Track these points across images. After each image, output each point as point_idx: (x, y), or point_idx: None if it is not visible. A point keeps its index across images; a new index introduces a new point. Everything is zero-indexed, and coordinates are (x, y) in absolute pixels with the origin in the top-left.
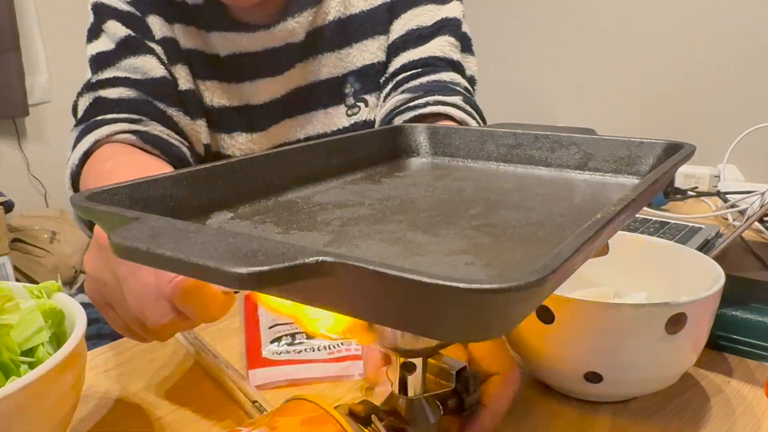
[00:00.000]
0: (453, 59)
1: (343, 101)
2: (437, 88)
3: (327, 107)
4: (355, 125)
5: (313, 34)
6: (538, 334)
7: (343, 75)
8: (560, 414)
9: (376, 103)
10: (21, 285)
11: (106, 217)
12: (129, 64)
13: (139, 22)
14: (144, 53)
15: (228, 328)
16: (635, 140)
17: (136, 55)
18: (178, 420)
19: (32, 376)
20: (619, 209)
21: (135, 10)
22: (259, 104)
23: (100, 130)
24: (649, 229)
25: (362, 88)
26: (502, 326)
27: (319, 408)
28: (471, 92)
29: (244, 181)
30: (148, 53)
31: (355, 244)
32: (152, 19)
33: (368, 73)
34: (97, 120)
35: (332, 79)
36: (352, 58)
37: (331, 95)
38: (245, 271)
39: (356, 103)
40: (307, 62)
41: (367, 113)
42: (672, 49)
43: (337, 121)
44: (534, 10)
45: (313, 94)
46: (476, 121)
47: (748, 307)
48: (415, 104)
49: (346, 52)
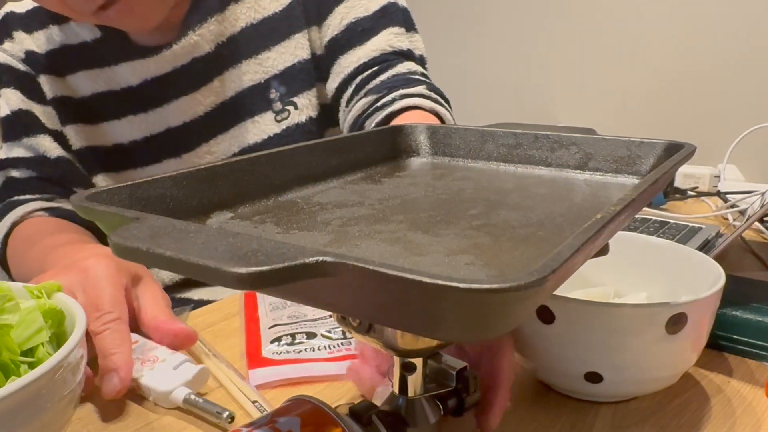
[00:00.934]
0: (403, 49)
1: (270, 107)
2: (399, 82)
3: (254, 116)
4: (287, 130)
5: (225, 45)
6: (538, 334)
7: (266, 80)
8: (560, 414)
9: (307, 103)
10: (21, 285)
11: (106, 217)
12: (28, 143)
13: (33, 83)
14: (36, 133)
15: (228, 328)
16: (635, 140)
17: (29, 135)
18: (177, 420)
19: (32, 376)
20: (619, 209)
21: (30, 69)
22: (180, 125)
23: (16, 211)
24: (649, 229)
25: (288, 91)
26: (502, 326)
27: (319, 408)
28: (427, 75)
29: (244, 181)
30: (41, 132)
31: (355, 244)
32: (43, 78)
33: (291, 74)
34: (12, 201)
35: (255, 86)
36: (273, 61)
37: (257, 103)
38: (245, 271)
39: (284, 107)
40: (226, 73)
41: (298, 116)
42: (672, 49)
43: (267, 128)
44: (534, 9)
45: (239, 105)
46: (443, 106)
47: (748, 307)
48: (383, 103)
49: (264, 57)
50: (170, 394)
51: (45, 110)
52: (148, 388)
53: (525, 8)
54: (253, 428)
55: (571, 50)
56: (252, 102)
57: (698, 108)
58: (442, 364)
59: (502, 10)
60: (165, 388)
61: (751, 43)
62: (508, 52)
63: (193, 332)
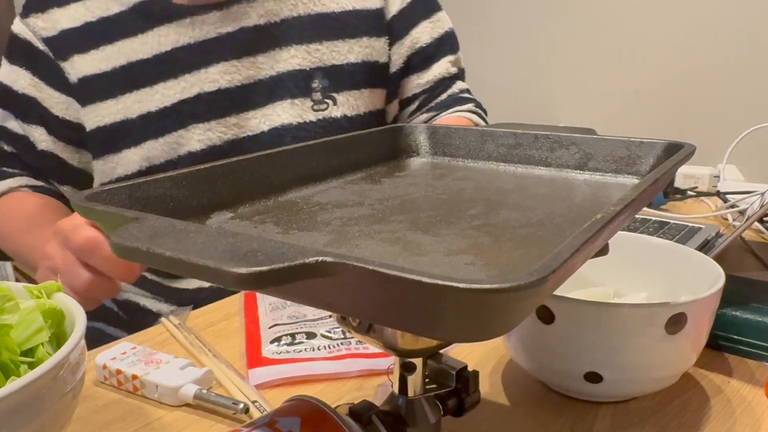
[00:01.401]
0: (455, 73)
1: (309, 96)
2: (453, 101)
3: (292, 98)
4: (321, 122)
5: (277, 25)
6: (538, 334)
7: (311, 69)
8: (560, 414)
9: (346, 102)
10: (21, 285)
11: (106, 217)
12: (21, 126)
13: (49, 65)
14: (31, 121)
15: (228, 328)
16: (635, 140)
17: (25, 121)
18: (178, 420)
19: (32, 376)
20: (619, 209)
21: (48, 50)
22: (214, 91)
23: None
24: (648, 229)
25: (330, 85)
26: (502, 326)
27: (319, 408)
28: (469, 90)
29: (244, 181)
30: (36, 122)
31: (355, 244)
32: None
33: (339, 71)
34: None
35: (298, 72)
36: (322, 54)
37: (297, 88)
38: (245, 271)
39: (324, 99)
40: (271, 52)
41: (335, 111)
42: (672, 49)
43: (303, 114)
44: (534, 9)
45: (278, 85)
46: (483, 119)
47: (748, 307)
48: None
49: (314, 48)
50: (179, 390)
51: (53, 95)
52: (154, 384)
53: (525, 8)
54: (253, 428)
55: (572, 50)
56: (292, 86)
57: (698, 108)
58: (442, 364)
59: (502, 9)
60: (174, 384)
61: (751, 43)
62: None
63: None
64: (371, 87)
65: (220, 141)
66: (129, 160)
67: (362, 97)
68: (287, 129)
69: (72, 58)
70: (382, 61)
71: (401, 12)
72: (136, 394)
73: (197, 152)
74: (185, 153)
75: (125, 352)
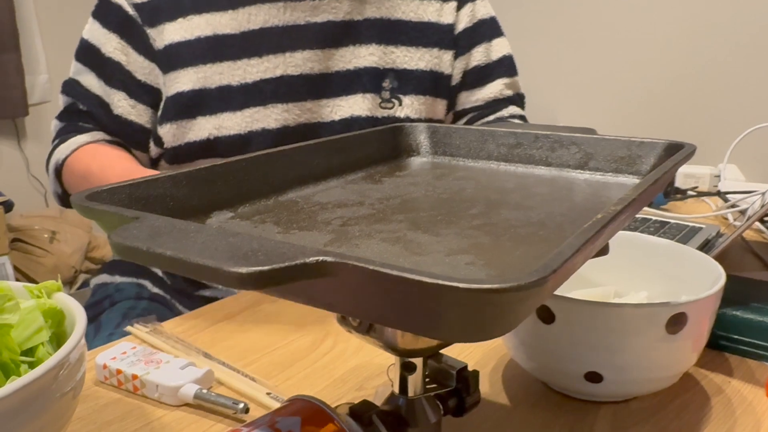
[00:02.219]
0: (508, 96)
1: (379, 93)
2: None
3: (364, 93)
4: (387, 119)
5: (360, 23)
6: (538, 334)
7: (384, 69)
8: (560, 414)
9: (410, 104)
10: (21, 285)
11: (106, 217)
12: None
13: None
14: (114, 85)
15: (228, 328)
16: (636, 140)
17: (108, 84)
18: (178, 420)
19: (32, 376)
20: (619, 209)
21: (138, 16)
22: (297, 75)
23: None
24: (649, 228)
25: (400, 87)
26: (502, 326)
27: (319, 408)
28: (524, 116)
29: (244, 181)
30: (118, 87)
31: (356, 243)
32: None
33: (409, 75)
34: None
35: (373, 69)
36: (396, 57)
37: (369, 84)
38: (245, 270)
39: (391, 98)
40: (352, 47)
41: (399, 111)
42: (672, 49)
43: (372, 109)
44: (534, 10)
45: (353, 79)
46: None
47: (749, 307)
48: None
49: (390, 50)
50: (179, 389)
51: (137, 59)
52: (155, 384)
53: (525, 8)
54: (253, 428)
55: (572, 50)
56: (366, 81)
57: (698, 108)
58: (442, 364)
59: (502, 10)
60: (174, 383)
61: (751, 43)
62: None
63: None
64: (434, 96)
65: (294, 123)
66: (201, 127)
67: (426, 103)
68: (355, 120)
69: (159, 26)
70: (447, 73)
71: (465, 30)
72: (136, 393)
73: (272, 130)
74: (259, 129)
75: (125, 352)
